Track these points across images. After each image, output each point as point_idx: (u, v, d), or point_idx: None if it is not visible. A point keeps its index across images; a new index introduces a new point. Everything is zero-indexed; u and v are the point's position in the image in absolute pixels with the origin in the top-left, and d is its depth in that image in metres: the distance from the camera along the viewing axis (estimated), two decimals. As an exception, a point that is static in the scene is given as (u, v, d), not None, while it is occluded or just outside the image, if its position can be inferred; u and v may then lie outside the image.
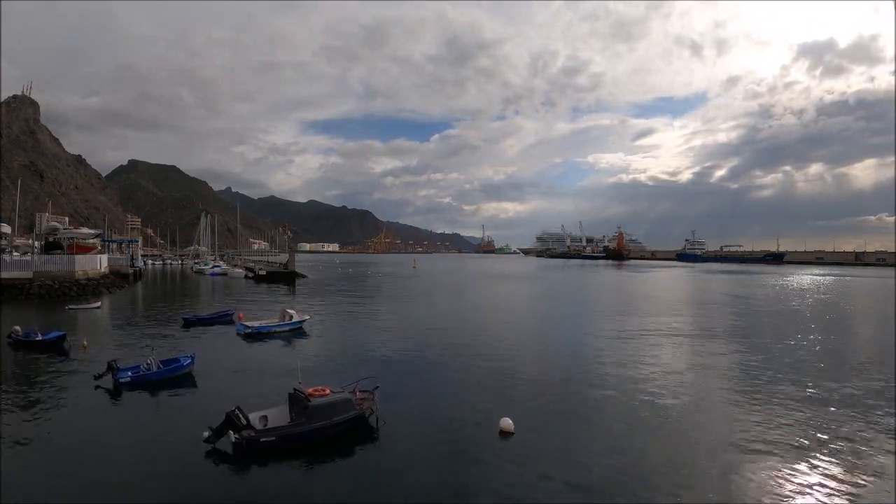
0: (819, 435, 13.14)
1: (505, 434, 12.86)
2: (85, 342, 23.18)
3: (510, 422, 13.13)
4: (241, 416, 11.91)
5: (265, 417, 12.60)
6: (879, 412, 15.04)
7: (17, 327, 24.23)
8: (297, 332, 27.86)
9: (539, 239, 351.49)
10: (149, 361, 17.76)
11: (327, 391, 13.12)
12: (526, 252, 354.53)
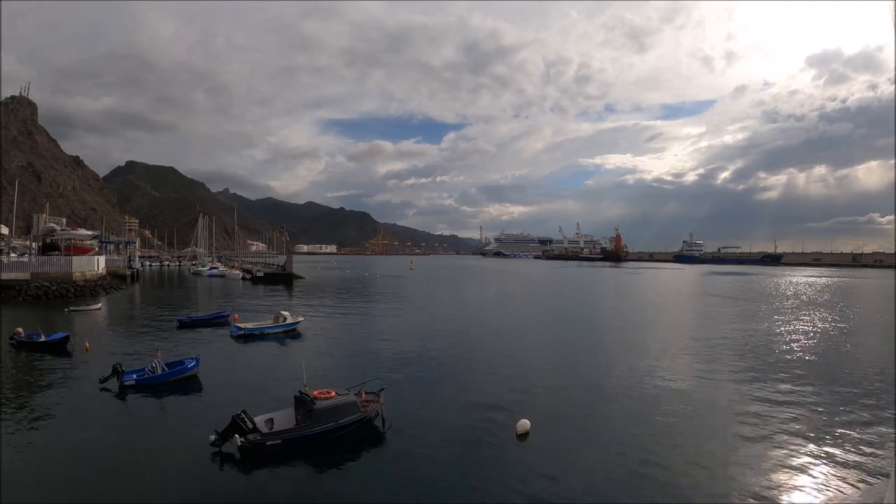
0: (819, 433, 13.21)
1: (521, 436, 12.79)
2: (87, 344, 23.07)
3: (527, 423, 13.05)
4: (246, 419, 11.86)
5: (271, 420, 12.56)
6: (880, 412, 15.09)
7: (20, 329, 24.15)
8: (292, 333, 27.77)
9: (497, 240, 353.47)
10: (154, 364, 17.69)
11: (332, 393, 13.06)
12: (484, 254, 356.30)
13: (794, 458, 11.75)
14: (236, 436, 11.48)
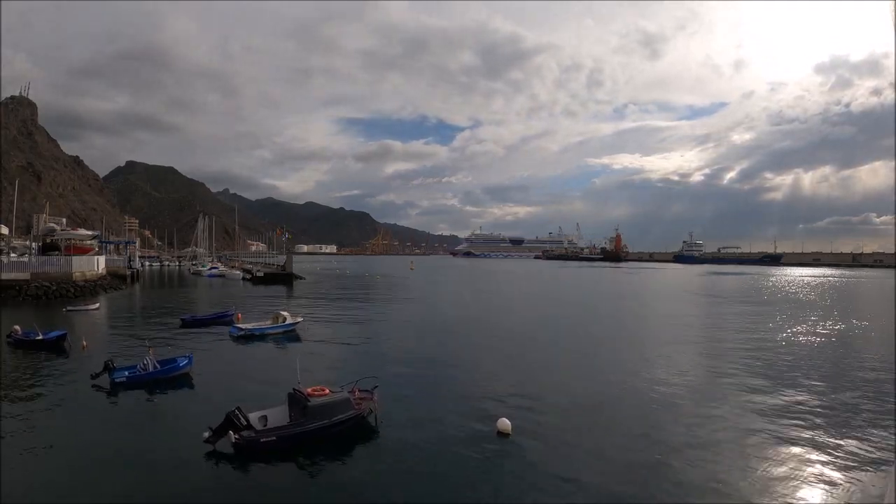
0: (818, 432, 13.26)
1: (502, 434, 12.89)
2: (84, 343, 23.19)
3: (507, 422, 13.16)
4: (240, 416, 11.95)
5: (265, 417, 12.63)
6: (880, 411, 15.18)
7: (17, 327, 24.28)
8: (291, 334, 27.81)
9: (468, 240, 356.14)
10: (146, 361, 17.72)
11: (326, 391, 13.16)
12: (454, 254, 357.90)
13: (794, 458, 11.76)
14: (230, 432, 11.58)
